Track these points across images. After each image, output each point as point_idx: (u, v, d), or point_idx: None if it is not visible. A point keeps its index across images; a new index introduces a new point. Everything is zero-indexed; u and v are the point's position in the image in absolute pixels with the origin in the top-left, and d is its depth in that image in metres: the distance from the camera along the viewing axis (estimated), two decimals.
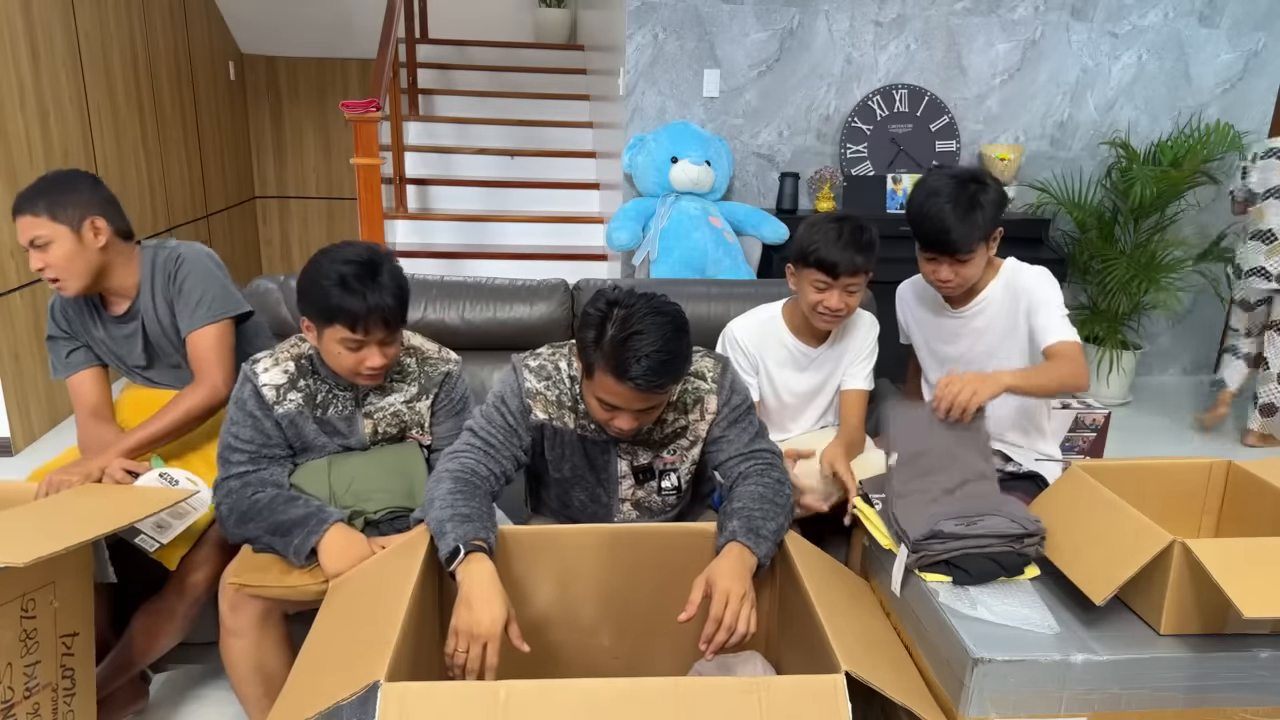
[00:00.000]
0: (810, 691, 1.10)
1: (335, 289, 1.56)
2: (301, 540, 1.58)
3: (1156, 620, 1.30)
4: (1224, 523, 1.70)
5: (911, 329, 2.18)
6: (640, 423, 1.53)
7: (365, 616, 1.32)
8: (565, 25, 6.26)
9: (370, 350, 1.62)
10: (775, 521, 1.50)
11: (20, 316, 3.54)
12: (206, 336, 1.90)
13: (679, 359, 1.46)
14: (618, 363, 1.41)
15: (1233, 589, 1.17)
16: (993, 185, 1.87)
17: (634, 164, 3.90)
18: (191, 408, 1.85)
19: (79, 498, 1.68)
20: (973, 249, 1.85)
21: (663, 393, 1.48)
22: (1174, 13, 4.21)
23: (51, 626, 1.50)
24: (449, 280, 2.50)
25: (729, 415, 1.64)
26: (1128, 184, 4.12)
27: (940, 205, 1.82)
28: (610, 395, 1.47)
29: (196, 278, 1.91)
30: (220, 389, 1.88)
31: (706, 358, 1.67)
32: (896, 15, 4.07)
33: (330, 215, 6.62)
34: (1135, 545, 1.31)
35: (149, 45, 4.69)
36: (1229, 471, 1.69)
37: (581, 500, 1.71)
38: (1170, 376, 4.83)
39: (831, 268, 1.85)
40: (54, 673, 1.52)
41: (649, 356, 1.40)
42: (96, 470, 1.75)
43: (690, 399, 1.64)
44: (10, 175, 3.42)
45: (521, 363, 1.65)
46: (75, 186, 1.82)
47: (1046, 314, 1.88)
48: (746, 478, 1.59)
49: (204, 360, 1.89)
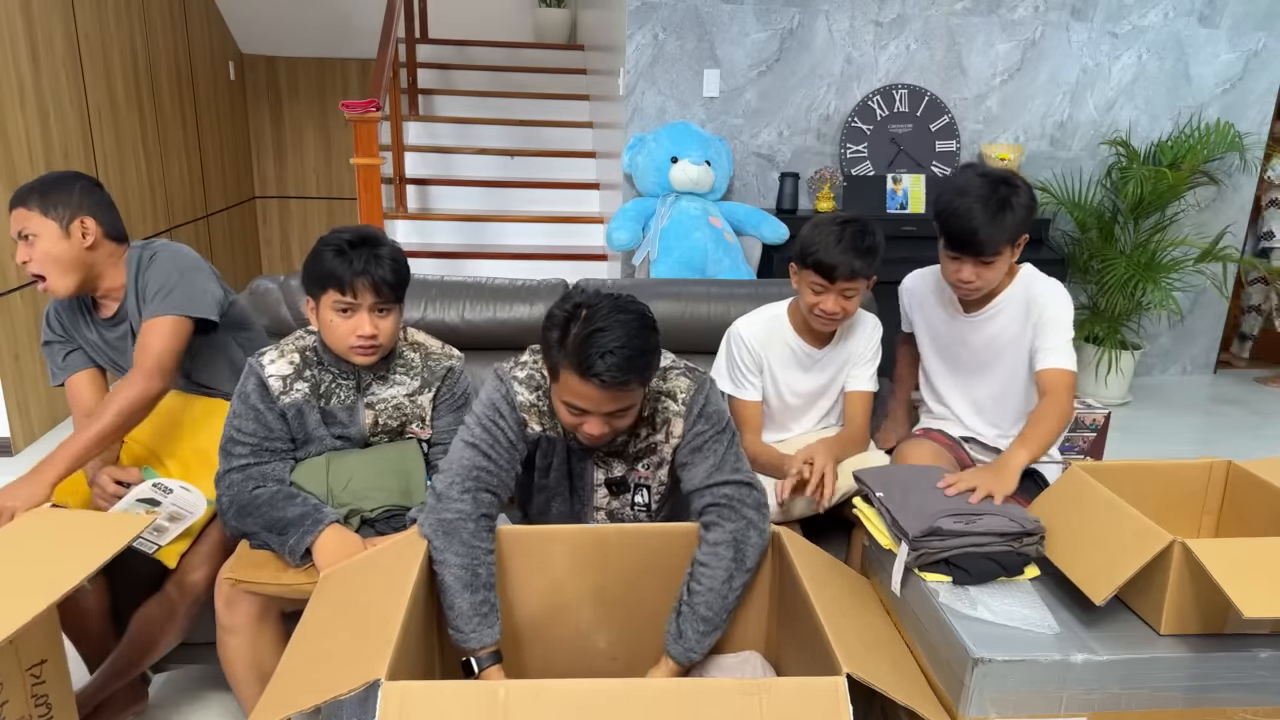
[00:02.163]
0: (811, 694, 1.10)
1: (330, 254, 1.63)
2: (297, 540, 1.58)
3: (1156, 620, 1.30)
4: (1224, 523, 1.70)
5: (917, 323, 2.14)
6: (611, 428, 1.48)
7: (363, 612, 1.32)
8: (565, 25, 6.26)
9: (361, 317, 1.64)
10: (717, 613, 1.48)
11: (20, 316, 3.54)
12: (155, 327, 1.81)
13: (645, 355, 1.42)
14: (581, 359, 1.38)
15: (1233, 589, 1.17)
16: (1024, 188, 1.82)
17: (634, 164, 3.90)
18: (123, 407, 1.73)
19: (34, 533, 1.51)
20: (999, 251, 1.82)
21: (628, 391, 1.42)
22: (1174, 13, 4.21)
23: (14, 664, 1.40)
24: (449, 280, 2.49)
25: (693, 441, 1.56)
26: (1127, 183, 4.12)
27: (970, 204, 1.79)
28: (576, 397, 1.43)
29: (162, 271, 1.86)
30: (151, 383, 1.77)
31: (683, 377, 1.60)
32: (896, 15, 4.07)
33: (330, 215, 6.61)
34: (1135, 545, 1.30)
35: (149, 45, 4.69)
36: (1229, 471, 1.69)
37: (559, 509, 1.70)
38: (1170, 376, 4.83)
39: (829, 271, 1.83)
40: (25, 706, 1.43)
41: (613, 353, 1.37)
42: (45, 489, 1.64)
43: (659, 419, 1.59)
44: (10, 175, 3.42)
45: (509, 375, 1.58)
46: (71, 186, 1.83)
47: (1054, 335, 1.87)
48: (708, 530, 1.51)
49: (143, 350, 1.79)
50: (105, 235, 1.86)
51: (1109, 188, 4.38)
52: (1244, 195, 4.56)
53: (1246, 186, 4.54)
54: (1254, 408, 4.39)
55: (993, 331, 1.98)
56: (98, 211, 1.85)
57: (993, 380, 2.02)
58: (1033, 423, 1.78)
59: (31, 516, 1.58)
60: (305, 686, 1.14)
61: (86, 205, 1.84)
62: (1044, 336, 1.88)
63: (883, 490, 1.58)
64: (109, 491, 1.76)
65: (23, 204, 1.80)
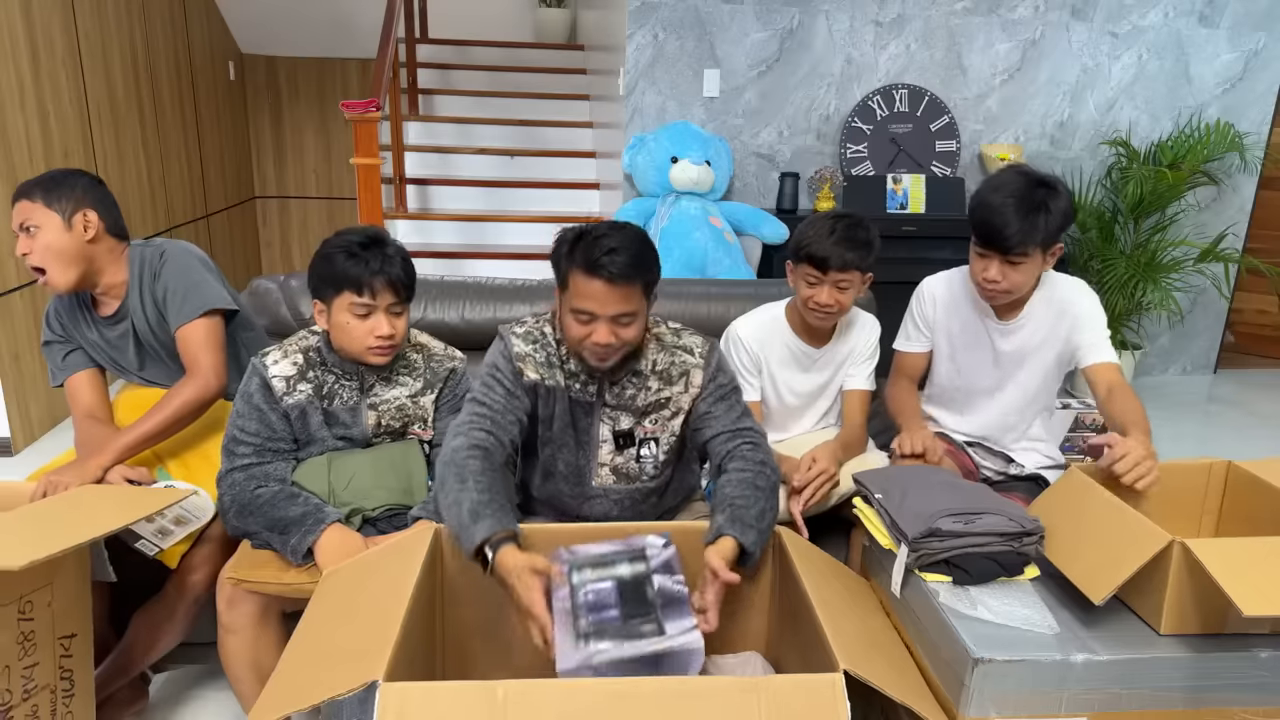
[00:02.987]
0: (809, 690, 1.10)
1: (342, 257, 1.64)
2: (299, 540, 1.59)
3: (1156, 620, 1.30)
4: (1224, 523, 1.70)
5: (938, 329, 2.06)
6: (619, 339, 1.53)
7: (363, 612, 1.32)
8: (565, 25, 6.26)
9: (379, 318, 1.66)
10: (758, 507, 1.50)
11: (20, 316, 3.54)
12: (195, 330, 1.89)
13: (647, 257, 1.53)
14: (588, 258, 1.48)
15: (1233, 588, 1.17)
16: (1065, 195, 1.78)
17: (634, 164, 3.90)
18: (184, 403, 1.83)
19: (76, 499, 1.66)
20: (1027, 252, 1.78)
21: (633, 289, 1.51)
22: (1174, 13, 4.21)
23: (49, 628, 1.49)
24: (449, 280, 2.49)
25: (715, 392, 1.66)
26: (1127, 183, 4.12)
27: (1003, 199, 1.76)
28: (584, 299, 1.50)
29: (180, 273, 1.91)
30: (211, 383, 1.86)
31: (695, 335, 1.71)
32: (896, 15, 4.07)
33: (330, 215, 6.61)
34: (1134, 545, 1.30)
35: (149, 45, 4.69)
36: (1229, 472, 1.70)
37: (565, 464, 1.72)
38: (1170, 376, 4.83)
39: (822, 262, 1.85)
40: (52, 674, 1.51)
41: (618, 250, 1.48)
42: (94, 470, 1.74)
43: (676, 371, 1.66)
44: (10, 175, 3.42)
45: (509, 330, 1.68)
46: (75, 181, 1.85)
47: (1093, 331, 1.88)
48: (732, 458, 1.60)
49: (194, 355, 1.88)
50: (107, 230, 1.88)
51: (1109, 188, 4.38)
52: (1244, 195, 4.56)
53: (1246, 186, 4.54)
54: (1254, 408, 4.39)
55: (1025, 337, 1.96)
56: (100, 206, 1.87)
57: (1020, 386, 2.01)
58: (1127, 414, 1.73)
59: (85, 487, 1.72)
60: (304, 685, 1.14)
61: (89, 199, 1.86)
62: (1083, 332, 1.88)
63: (881, 491, 1.58)
64: None
65: (26, 196, 1.81)
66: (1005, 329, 1.97)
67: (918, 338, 2.10)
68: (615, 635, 1.25)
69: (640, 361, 1.66)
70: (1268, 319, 5.09)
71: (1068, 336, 1.92)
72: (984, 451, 2.09)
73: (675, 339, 1.69)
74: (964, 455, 2.06)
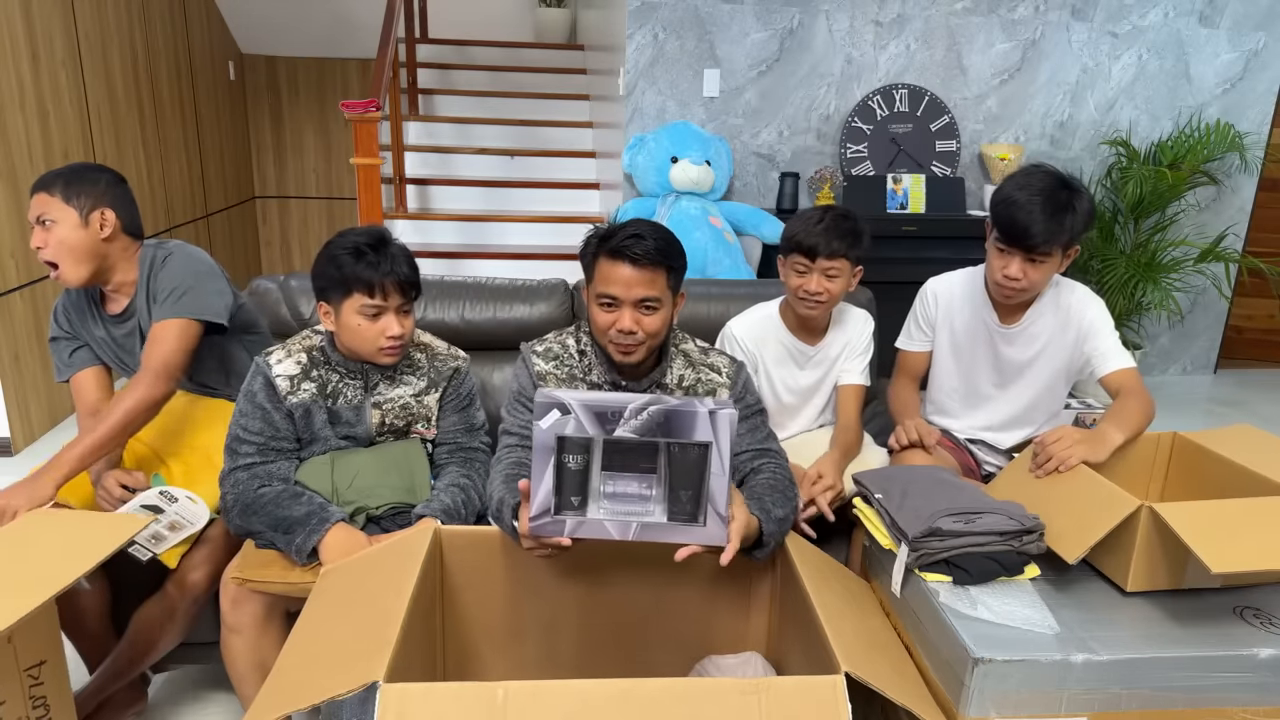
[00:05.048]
0: (810, 692, 1.10)
1: (350, 259, 1.64)
2: (303, 539, 1.59)
3: (1123, 579, 1.40)
4: (1169, 487, 1.85)
5: (941, 330, 2.06)
6: (643, 330, 1.56)
7: (362, 611, 1.32)
8: (565, 25, 6.26)
9: (389, 318, 1.67)
10: (782, 510, 1.51)
11: (20, 316, 3.54)
12: (168, 329, 1.82)
13: (673, 246, 1.58)
14: (615, 245, 1.53)
15: (1200, 548, 1.26)
16: (1087, 197, 1.80)
17: (634, 164, 3.90)
18: (132, 407, 1.73)
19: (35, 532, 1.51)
20: (1050, 251, 1.80)
21: (657, 274, 1.54)
22: (1174, 13, 4.21)
23: (12, 664, 1.39)
24: (449, 280, 2.49)
25: (742, 411, 1.66)
26: (1127, 183, 4.12)
27: (1030, 197, 1.77)
28: (608, 283, 1.55)
29: (177, 274, 1.87)
30: (159, 385, 1.77)
31: (722, 355, 1.75)
32: (896, 15, 4.07)
33: (330, 215, 6.61)
34: (1105, 510, 1.41)
35: (149, 45, 4.69)
36: (1174, 442, 1.86)
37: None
38: (1170, 376, 4.83)
39: (810, 250, 1.88)
40: (23, 708, 1.43)
41: (644, 236, 1.53)
42: (47, 488, 1.64)
43: (703, 389, 1.69)
44: (10, 175, 3.42)
45: (529, 349, 1.71)
46: (97, 178, 1.85)
47: (1105, 339, 1.89)
48: (758, 472, 1.61)
49: (151, 352, 1.80)
50: (123, 229, 1.87)
51: (1109, 188, 4.38)
52: (1244, 195, 4.56)
53: (1246, 187, 4.54)
54: (1254, 408, 4.39)
55: (1027, 343, 1.97)
56: (119, 205, 1.86)
57: (1027, 389, 2.01)
58: (1121, 411, 1.78)
59: (33, 516, 1.59)
60: (304, 685, 1.14)
61: (109, 198, 1.85)
62: (1095, 341, 1.90)
63: (881, 492, 1.58)
64: (114, 495, 1.75)
65: (46, 189, 1.80)
66: (1008, 333, 1.97)
67: (919, 337, 2.10)
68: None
69: (666, 376, 1.67)
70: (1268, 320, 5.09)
71: (1076, 346, 1.92)
72: (985, 449, 2.09)
73: (703, 357, 1.72)
74: (964, 453, 2.06)
